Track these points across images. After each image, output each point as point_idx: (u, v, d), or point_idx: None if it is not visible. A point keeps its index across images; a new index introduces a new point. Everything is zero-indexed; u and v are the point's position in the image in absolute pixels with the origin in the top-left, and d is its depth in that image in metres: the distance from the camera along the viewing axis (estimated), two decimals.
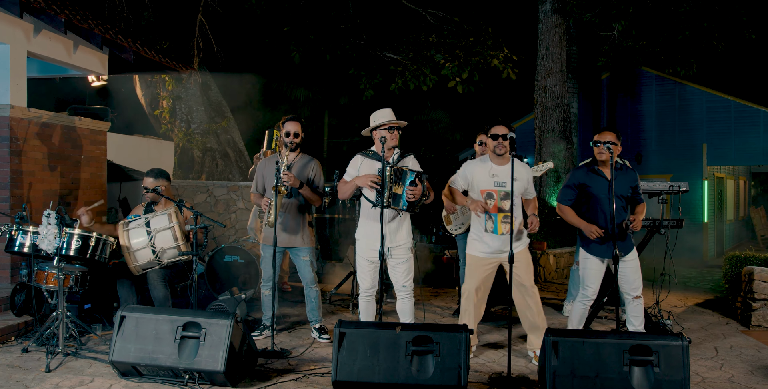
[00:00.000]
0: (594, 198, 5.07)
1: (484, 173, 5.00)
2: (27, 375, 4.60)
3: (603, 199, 5.02)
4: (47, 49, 7.31)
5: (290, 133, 5.46)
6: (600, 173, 5.07)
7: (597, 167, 5.10)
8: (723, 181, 16.10)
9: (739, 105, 14.36)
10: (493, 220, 4.94)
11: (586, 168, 5.18)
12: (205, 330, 4.37)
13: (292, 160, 5.51)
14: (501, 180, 4.93)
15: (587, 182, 5.10)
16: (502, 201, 4.92)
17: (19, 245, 5.16)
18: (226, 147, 12.53)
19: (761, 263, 6.82)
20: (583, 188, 5.11)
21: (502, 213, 4.91)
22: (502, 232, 4.91)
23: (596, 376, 4.08)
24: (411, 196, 4.69)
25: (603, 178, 5.04)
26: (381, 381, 4.14)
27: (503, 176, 4.90)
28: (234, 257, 7.05)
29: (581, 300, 5.18)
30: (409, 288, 5.04)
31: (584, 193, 5.12)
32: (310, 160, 5.63)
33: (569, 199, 5.19)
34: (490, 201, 4.94)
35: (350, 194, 5.05)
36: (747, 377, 4.82)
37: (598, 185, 5.05)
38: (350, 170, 5.08)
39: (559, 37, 11.24)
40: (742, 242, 17.43)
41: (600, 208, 5.05)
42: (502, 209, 4.91)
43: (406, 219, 5.02)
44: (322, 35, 12.00)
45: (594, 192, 5.06)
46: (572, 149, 11.77)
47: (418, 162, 5.05)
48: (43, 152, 7.01)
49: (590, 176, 5.10)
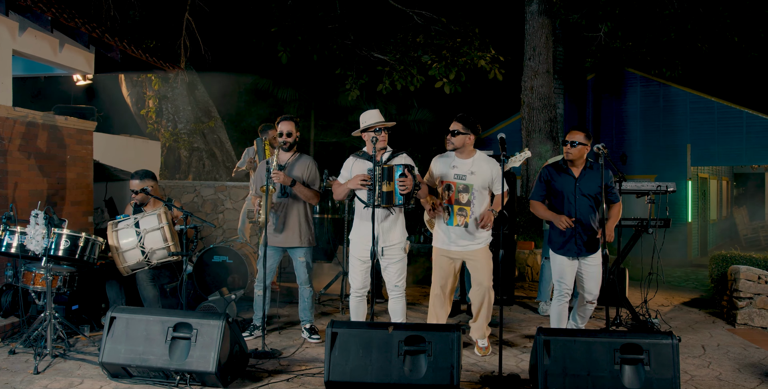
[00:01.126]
0: (559, 195, 5.13)
1: (445, 165, 5.10)
2: (15, 377, 4.54)
3: (569, 196, 5.08)
4: (33, 48, 7.24)
5: (283, 133, 5.46)
6: (568, 171, 5.11)
7: (566, 164, 5.14)
8: (706, 181, 16.29)
9: (723, 106, 14.53)
10: (449, 211, 5.04)
11: (556, 165, 5.23)
12: (196, 330, 4.34)
13: (287, 159, 5.50)
14: (461, 173, 5.04)
15: (553, 177, 5.16)
16: (460, 194, 5.02)
17: (6, 245, 5.10)
18: (213, 147, 12.46)
19: (747, 262, 6.90)
20: (549, 183, 5.18)
21: (457, 205, 5.02)
22: (457, 223, 5.02)
23: (588, 375, 4.11)
24: (403, 187, 4.72)
25: (570, 176, 5.09)
26: (374, 381, 4.14)
27: (464, 169, 5.03)
28: (223, 257, 7.02)
29: (557, 297, 5.22)
30: (401, 288, 5.05)
31: (551, 189, 5.18)
32: (305, 158, 5.62)
33: (540, 194, 5.25)
34: (448, 192, 5.04)
35: (345, 196, 5.11)
36: (734, 374, 4.88)
37: (564, 182, 5.10)
38: (343, 172, 5.13)
39: (545, 38, 11.30)
40: (725, 242, 17.63)
41: (565, 205, 5.10)
42: (458, 201, 5.02)
43: (399, 219, 5.04)
44: (309, 35, 11.97)
45: (558, 188, 5.12)
46: (558, 149, 11.83)
47: (411, 158, 5.08)
48: (28, 151, 6.93)
49: (558, 173, 5.16)
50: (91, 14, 10.03)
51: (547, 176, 5.21)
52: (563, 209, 5.11)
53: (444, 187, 5.08)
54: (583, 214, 5.06)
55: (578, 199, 5.06)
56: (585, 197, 5.06)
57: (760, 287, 6.35)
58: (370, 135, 4.94)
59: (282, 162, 5.46)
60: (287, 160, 5.52)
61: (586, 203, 5.07)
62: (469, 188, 5.00)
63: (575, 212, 5.04)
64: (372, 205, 4.75)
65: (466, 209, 5.00)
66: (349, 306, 6.75)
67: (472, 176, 5.01)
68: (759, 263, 6.83)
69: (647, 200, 6.09)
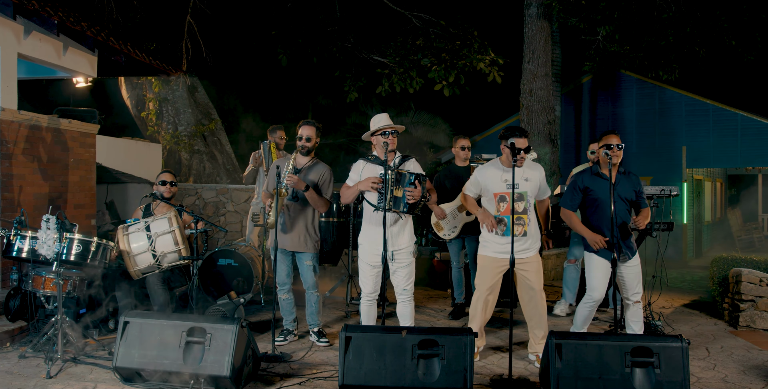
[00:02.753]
0: (599, 202, 5.13)
1: (496, 177, 5.06)
2: (28, 381, 4.55)
3: (607, 202, 5.02)
4: (37, 51, 7.24)
5: (303, 137, 5.46)
6: (603, 176, 5.12)
7: (600, 170, 5.16)
8: (701, 183, 16.41)
9: (718, 108, 14.65)
10: (505, 222, 4.99)
11: (590, 171, 5.25)
12: (210, 335, 4.37)
13: (303, 164, 5.52)
14: (513, 182, 4.99)
15: (591, 185, 5.16)
16: (516, 203, 4.97)
17: (18, 250, 5.11)
18: (213, 149, 12.46)
19: (748, 265, 6.98)
20: (587, 191, 5.18)
21: (515, 215, 4.95)
22: (516, 233, 4.95)
23: (599, 378, 4.16)
24: (410, 197, 4.75)
25: (607, 181, 5.07)
26: (388, 384, 4.18)
27: (516, 177, 4.94)
28: (228, 260, 7.04)
29: (587, 302, 5.24)
30: (409, 292, 5.09)
31: (588, 197, 5.19)
32: (322, 165, 5.60)
33: (574, 204, 5.25)
34: (503, 204, 5.01)
35: (353, 199, 5.12)
36: (740, 376, 4.95)
37: (602, 189, 5.09)
38: (353, 175, 5.13)
39: (544, 42, 11.36)
40: (719, 243, 17.76)
41: (605, 211, 5.09)
42: (515, 210, 4.95)
43: (408, 223, 5.07)
44: (309, 38, 11.99)
45: (598, 196, 5.12)
46: (557, 151, 11.91)
47: (419, 165, 5.11)
48: (33, 155, 6.94)
49: (594, 180, 5.17)
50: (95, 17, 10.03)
51: (583, 184, 5.20)
52: (601, 215, 5.11)
53: (497, 199, 5.04)
54: (622, 218, 5.10)
55: (617, 204, 5.03)
56: (622, 202, 5.09)
57: (761, 289, 6.43)
58: (380, 139, 4.97)
59: (299, 166, 5.48)
60: (304, 164, 5.53)
61: (623, 207, 5.11)
62: (524, 196, 4.99)
63: (615, 216, 4.97)
64: (383, 209, 4.78)
65: (524, 218, 4.97)
66: (353, 309, 6.88)
67: (525, 184, 4.98)
68: (760, 266, 6.91)
69: (652, 204, 6.14)
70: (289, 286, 5.66)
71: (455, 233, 6.58)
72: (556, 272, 9.84)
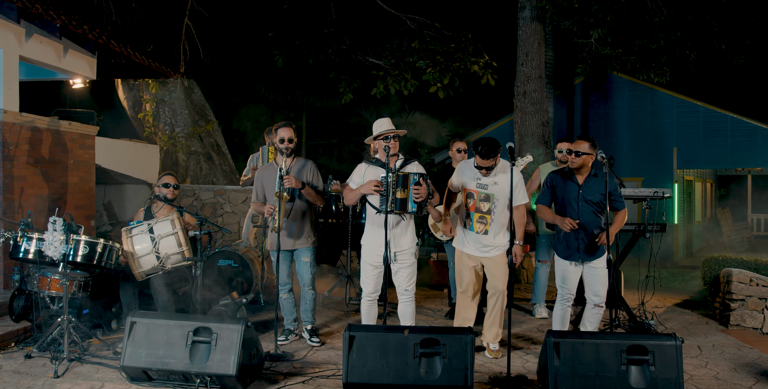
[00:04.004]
0: (563, 201, 5.30)
1: (471, 174, 5.29)
2: (36, 381, 4.63)
3: (572, 203, 5.23)
4: (38, 54, 7.30)
5: (284, 139, 5.56)
6: (573, 178, 5.28)
7: (572, 172, 5.29)
8: (692, 184, 16.61)
9: (708, 110, 14.84)
10: (470, 218, 5.26)
11: (562, 171, 5.40)
12: (216, 334, 4.46)
13: (288, 165, 5.62)
14: (483, 183, 5.22)
15: (558, 184, 5.34)
16: (481, 202, 5.23)
17: (24, 251, 5.18)
18: (210, 150, 12.53)
19: (738, 265, 7.13)
20: (554, 189, 5.35)
21: (478, 213, 5.25)
22: (477, 231, 5.25)
23: (596, 375, 4.28)
24: (417, 196, 4.88)
25: (575, 183, 5.25)
26: (391, 382, 4.29)
27: (486, 179, 5.21)
28: (228, 261, 7.11)
29: (559, 301, 5.41)
30: (411, 292, 5.21)
31: (555, 195, 5.36)
32: (306, 162, 5.76)
33: (546, 199, 5.43)
34: (470, 200, 5.26)
35: (355, 201, 5.25)
36: (731, 374, 5.09)
37: (568, 189, 5.26)
38: (355, 178, 5.23)
39: (538, 44, 11.49)
40: (709, 243, 17.98)
41: (568, 211, 5.25)
42: (479, 209, 5.24)
43: (410, 225, 5.19)
44: (305, 40, 12.08)
45: (562, 194, 5.30)
46: (550, 153, 12.04)
47: (422, 167, 5.24)
48: (34, 156, 7.00)
49: (561, 180, 5.33)
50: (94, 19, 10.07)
51: (552, 182, 5.39)
52: (567, 214, 5.28)
53: (466, 194, 5.28)
54: (586, 220, 5.22)
55: (581, 205, 5.21)
56: (588, 204, 5.22)
57: (752, 289, 6.58)
58: (382, 143, 5.09)
59: (286, 167, 5.59)
60: (290, 165, 5.65)
61: (589, 209, 5.23)
62: (490, 198, 5.20)
63: (578, 218, 5.20)
64: (385, 211, 4.89)
65: (487, 218, 5.22)
66: (352, 309, 6.98)
67: (494, 186, 5.20)
68: (750, 266, 7.06)
69: (645, 206, 6.28)
70: (290, 286, 5.77)
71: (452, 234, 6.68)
72: None
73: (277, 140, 5.61)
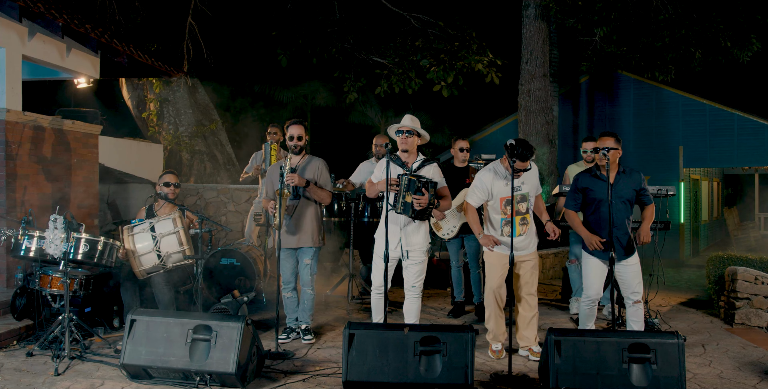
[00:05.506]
0: (597, 202, 5.20)
1: (501, 182, 5.20)
2: (37, 378, 4.63)
3: (605, 202, 5.10)
4: (41, 53, 7.31)
5: (294, 136, 5.59)
6: (602, 177, 5.18)
7: (599, 171, 5.23)
8: (698, 182, 16.52)
9: (714, 109, 14.75)
10: (513, 224, 5.09)
11: (590, 172, 5.33)
12: (216, 332, 4.45)
13: (297, 162, 5.63)
14: (516, 185, 5.14)
15: (590, 186, 5.24)
16: (519, 204, 5.18)
17: (25, 249, 5.20)
18: (214, 150, 12.55)
19: (743, 263, 7.08)
20: (586, 191, 5.27)
21: (519, 216, 5.18)
22: (520, 233, 5.19)
23: (597, 373, 4.25)
24: (417, 205, 4.88)
25: (605, 181, 5.12)
26: (390, 380, 4.27)
27: (517, 181, 5.13)
28: (230, 260, 7.10)
29: (584, 301, 5.35)
30: (417, 289, 5.22)
31: (587, 197, 5.27)
32: (315, 159, 5.76)
33: (575, 204, 5.34)
34: (508, 208, 5.15)
35: (375, 195, 5.32)
36: (735, 373, 5.04)
37: (600, 189, 5.15)
38: (377, 172, 5.31)
39: (542, 42, 11.46)
40: (716, 242, 17.88)
41: (602, 212, 5.15)
42: (519, 211, 5.19)
43: (424, 224, 5.20)
44: (309, 39, 12.08)
45: (597, 196, 5.19)
46: (555, 151, 12.00)
47: (439, 170, 5.24)
48: (37, 155, 7.01)
49: (593, 181, 5.24)
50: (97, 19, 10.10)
51: (582, 185, 5.29)
52: (599, 215, 5.18)
53: (504, 203, 5.18)
54: (621, 219, 5.16)
55: (615, 204, 5.12)
56: (621, 202, 5.16)
57: (756, 287, 6.53)
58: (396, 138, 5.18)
59: (293, 165, 5.59)
60: (298, 162, 5.65)
61: (622, 208, 5.17)
62: (526, 197, 5.22)
63: (613, 217, 5.10)
64: (394, 210, 4.96)
65: (527, 218, 5.24)
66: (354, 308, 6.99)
67: (525, 186, 5.21)
68: (755, 265, 7.01)
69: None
70: (293, 285, 5.76)
71: (454, 232, 6.66)
72: (554, 270, 9.93)
73: (287, 138, 5.62)
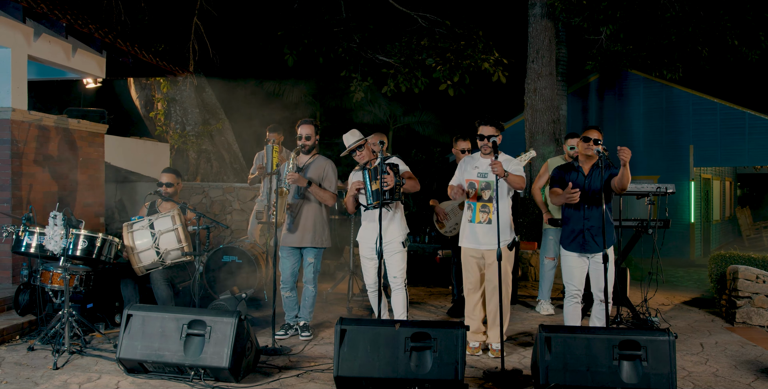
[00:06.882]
0: None
1: (470, 165, 5.33)
2: (35, 372, 4.72)
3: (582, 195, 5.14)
4: (47, 53, 7.42)
5: (302, 136, 5.64)
6: (579, 169, 5.25)
7: (577, 163, 5.28)
8: (709, 182, 16.39)
9: (725, 107, 14.64)
10: (472, 209, 5.23)
11: (566, 166, 5.39)
12: (210, 327, 4.51)
13: (305, 162, 5.69)
14: (483, 171, 5.22)
15: (566, 176, 5.28)
16: (482, 191, 5.21)
17: (26, 245, 5.28)
18: (220, 149, 12.65)
19: (745, 262, 7.04)
20: (563, 181, 5.28)
21: (480, 202, 5.22)
22: (480, 220, 5.20)
23: (587, 370, 4.26)
24: (385, 184, 4.98)
25: (580, 174, 5.22)
26: (381, 375, 4.30)
27: (485, 167, 5.20)
28: (232, 257, 7.16)
29: (567, 297, 5.35)
30: (400, 279, 5.31)
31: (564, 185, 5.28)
32: (323, 160, 5.79)
33: (556, 185, 5.32)
34: (471, 191, 5.23)
35: (352, 206, 5.47)
36: (731, 371, 5.02)
37: (574, 180, 5.20)
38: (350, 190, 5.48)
39: (548, 41, 11.42)
40: (728, 242, 17.73)
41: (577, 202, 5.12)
42: (480, 198, 5.21)
43: (396, 217, 5.35)
44: (315, 39, 12.14)
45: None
46: (561, 150, 11.95)
47: (402, 160, 5.41)
48: (43, 154, 7.12)
49: (567, 172, 5.29)
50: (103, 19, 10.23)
51: (559, 175, 5.33)
52: (573, 206, 5.20)
53: (468, 185, 5.26)
54: (595, 212, 5.16)
55: (590, 197, 5.14)
56: (596, 196, 5.16)
57: (758, 286, 6.49)
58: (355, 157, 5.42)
59: (300, 164, 5.66)
60: (306, 162, 5.70)
61: (596, 199, 5.17)
62: (490, 185, 5.17)
63: (585, 208, 5.14)
64: (371, 206, 5.11)
65: (489, 206, 5.19)
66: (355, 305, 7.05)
67: (491, 175, 5.10)
68: (757, 263, 6.97)
69: (647, 202, 6.22)
70: (292, 284, 5.80)
71: (456, 230, 6.68)
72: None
73: (296, 137, 5.67)
